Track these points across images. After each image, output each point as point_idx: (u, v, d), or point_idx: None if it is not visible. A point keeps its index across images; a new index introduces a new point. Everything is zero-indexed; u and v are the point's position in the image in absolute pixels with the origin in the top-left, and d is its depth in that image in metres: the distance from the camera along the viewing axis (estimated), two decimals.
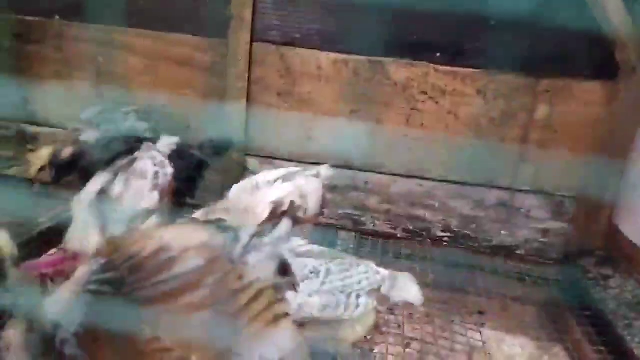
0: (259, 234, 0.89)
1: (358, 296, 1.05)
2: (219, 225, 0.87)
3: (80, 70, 2.10)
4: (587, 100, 1.84)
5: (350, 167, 2.02)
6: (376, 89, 1.96)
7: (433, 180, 1.99)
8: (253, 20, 1.95)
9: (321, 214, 1.36)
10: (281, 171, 1.34)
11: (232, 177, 1.90)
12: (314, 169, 1.40)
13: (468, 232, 2.01)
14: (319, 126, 2.01)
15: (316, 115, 2.00)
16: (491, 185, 1.96)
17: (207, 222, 0.90)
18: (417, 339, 1.51)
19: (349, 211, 2.06)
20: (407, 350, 1.48)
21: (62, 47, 2.10)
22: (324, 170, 1.41)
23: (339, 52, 1.96)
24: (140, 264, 0.72)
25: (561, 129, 1.87)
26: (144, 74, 2.06)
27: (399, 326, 1.55)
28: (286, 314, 0.85)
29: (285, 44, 1.97)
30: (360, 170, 2.03)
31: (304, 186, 1.30)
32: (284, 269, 0.87)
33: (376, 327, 1.41)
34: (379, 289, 1.06)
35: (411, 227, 2.04)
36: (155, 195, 1.41)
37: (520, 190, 1.95)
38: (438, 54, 1.90)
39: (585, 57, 1.83)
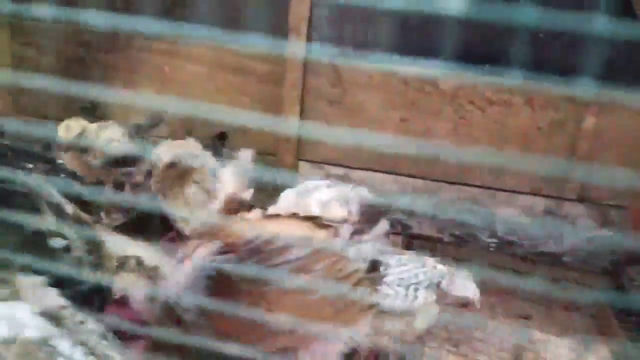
0: (358, 231, 0.99)
1: (416, 289, 1.11)
2: (317, 220, 0.97)
3: (147, 79, 2.25)
4: (635, 110, 1.87)
5: (398, 174, 2.10)
6: (425, 98, 2.03)
7: (480, 187, 2.05)
8: (308, 32, 2.06)
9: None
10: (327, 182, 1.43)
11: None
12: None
13: (514, 239, 2.05)
14: (369, 133, 2.09)
15: (366, 122, 2.09)
16: (538, 193, 2.01)
17: (307, 217, 1.00)
18: (464, 340, 1.56)
19: (397, 215, 2.12)
20: (457, 349, 1.54)
21: (130, 56, 2.25)
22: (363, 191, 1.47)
23: (388, 62, 2.05)
24: (258, 248, 0.83)
25: (609, 138, 1.91)
26: (205, 81, 2.18)
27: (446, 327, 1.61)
28: (375, 304, 0.95)
29: (338, 54, 2.07)
30: (408, 176, 2.10)
31: (349, 193, 1.38)
32: (375, 265, 0.97)
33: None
34: (437, 284, 1.13)
35: (457, 233, 2.10)
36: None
37: (567, 199, 1.99)
38: (486, 65, 1.97)
39: (633, 67, 1.86)
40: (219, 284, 0.75)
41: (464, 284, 1.14)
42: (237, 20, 2.14)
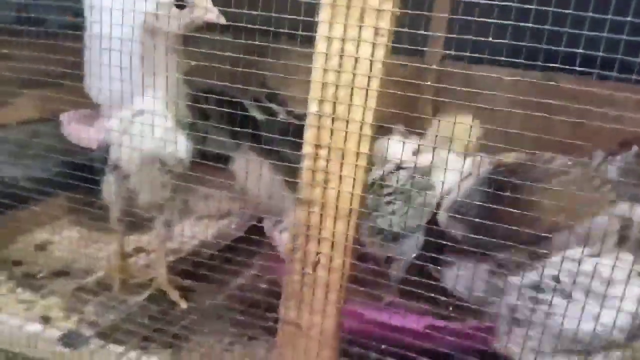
0: None
1: None
2: None
3: None
4: None
5: None
6: (548, 98, 2.09)
7: None
8: (445, 39, 2.35)
9: None
10: None
11: None
12: None
13: None
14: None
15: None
16: None
17: None
18: None
19: None
20: None
21: None
22: None
23: (515, 67, 2.17)
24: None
25: None
26: None
27: None
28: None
29: (471, 60, 2.29)
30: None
31: None
32: None
33: None
34: None
35: None
36: None
37: None
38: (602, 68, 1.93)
39: None
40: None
41: None
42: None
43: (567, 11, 0.91)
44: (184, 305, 1.47)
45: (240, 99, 1.49)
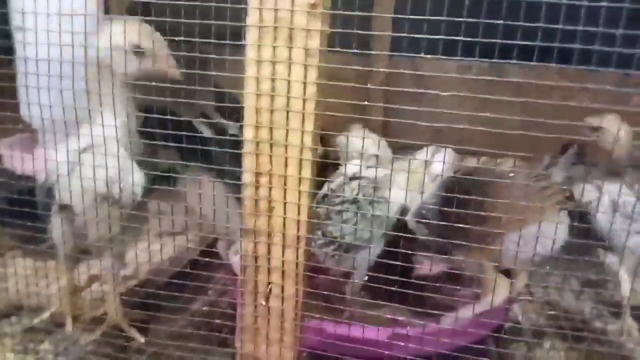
0: None
1: None
2: None
3: None
4: None
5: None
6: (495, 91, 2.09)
7: None
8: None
9: None
10: None
11: None
12: None
13: None
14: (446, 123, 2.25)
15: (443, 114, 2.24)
16: None
17: None
18: None
19: None
20: None
21: None
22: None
23: (462, 58, 2.16)
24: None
25: None
26: None
27: None
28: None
29: (417, 55, 2.27)
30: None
31: None
32: None
33: None
34: None
35: None
36: None
37: None
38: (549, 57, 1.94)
39: None
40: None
41: None
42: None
43: None
44: (141, 339, 1.42)
45: (186, 117, 1.43)
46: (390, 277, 1.09)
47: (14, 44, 1.60)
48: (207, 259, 1.46)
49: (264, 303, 1.02)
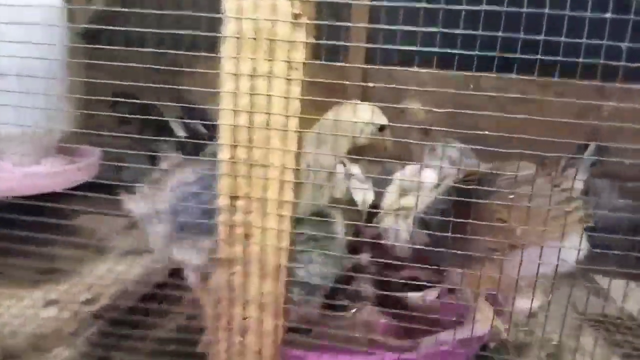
0: None
1: None
2: None
3: None
4: None
5: None
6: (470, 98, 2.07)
7: None
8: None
9: None
10: None
11: None
12: None
13: None
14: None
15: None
16: None
17: None
18: None
19: None
20: None
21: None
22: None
23: (437, 68, 2.13)
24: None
25: None
26: None
27: None
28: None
29: (393, 64, 2.23)
30: None
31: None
32: None
33: None
34: None
35: None
36: None
37: None
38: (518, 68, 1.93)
39: None
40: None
41: None
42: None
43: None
44: None
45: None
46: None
47: None
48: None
49: (239, 339, 0.93)
